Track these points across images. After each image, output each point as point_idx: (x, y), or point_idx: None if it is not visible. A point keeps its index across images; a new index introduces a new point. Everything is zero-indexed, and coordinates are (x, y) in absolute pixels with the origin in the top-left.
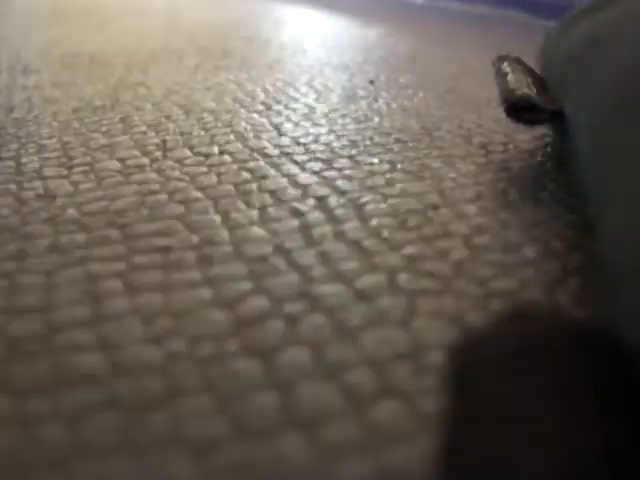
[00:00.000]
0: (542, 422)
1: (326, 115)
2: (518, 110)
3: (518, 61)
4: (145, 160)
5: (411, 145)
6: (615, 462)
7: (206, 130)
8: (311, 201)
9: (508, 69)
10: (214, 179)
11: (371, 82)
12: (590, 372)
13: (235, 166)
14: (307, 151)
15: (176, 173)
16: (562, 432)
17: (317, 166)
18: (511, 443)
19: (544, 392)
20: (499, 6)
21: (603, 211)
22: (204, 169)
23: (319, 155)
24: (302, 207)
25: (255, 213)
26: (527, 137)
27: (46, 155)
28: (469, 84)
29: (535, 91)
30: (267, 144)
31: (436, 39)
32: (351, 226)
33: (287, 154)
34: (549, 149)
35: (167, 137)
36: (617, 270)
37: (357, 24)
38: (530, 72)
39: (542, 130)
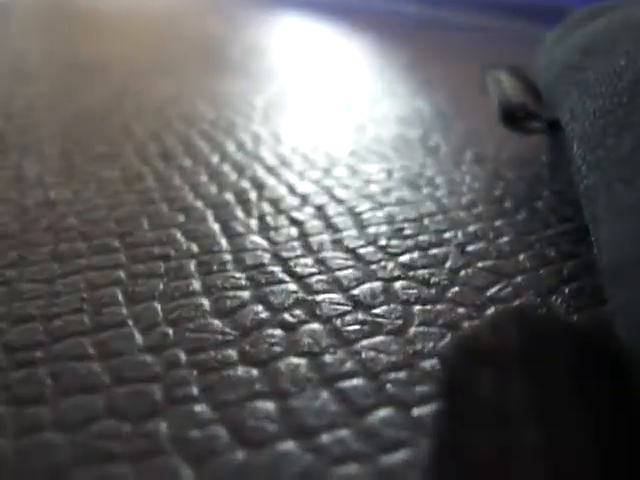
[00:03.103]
0: (539, 428)
1: (324, 124)
2: (514, 119)
3: (513, 70)
4: (146, 169)
5: (407, 154)
6: (614, 468)
7: (206, 139)
8: (309, 209)
9: (504, 78)
10: (214, 188)
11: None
12: (587, 377)
13: (235, 175)
14: (306, 160)
15: (176, 182)
16: (559, 438)
17: (316, 175)
18: (508, 449)
19: (541, 397)
20: (496, 16)
21: (599, 217)
22: (204, 178)
23: (318, 164)
24: (300, 216)
25: (254, 222)
26: (522, 145)
27: (47, 163)
28: (465, 93)
29: (531, 100)
30: (266, 153)
31: (433, 49)
32: (348, 234)
33: (286, 163)
34: (544, 157)
35: (168, 146)
36: (614, 270)
37: (356, 34)
38: (526, 80)
39: (537, 138)
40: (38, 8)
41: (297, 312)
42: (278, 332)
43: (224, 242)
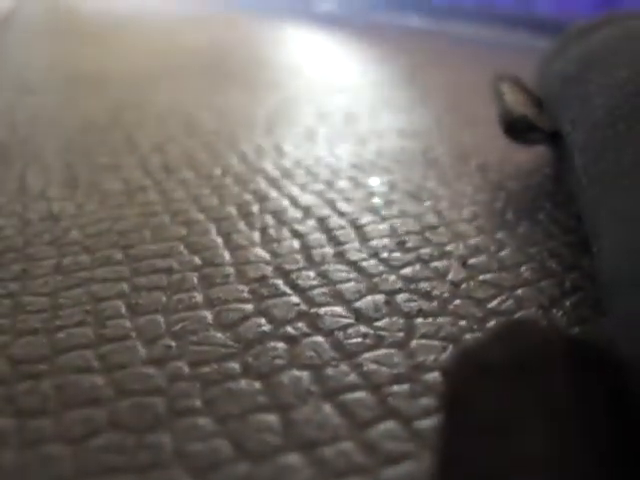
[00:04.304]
0: (540, 439)
1: (327, 137)
2: (516, 130)
3: (516, 81)
4: (148, 181)
5: (409, 166)
6: (614, 476)
7: (209, 151)
8: (312, 222)
9: (506, 89)
10: (216, 201)
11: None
12: (588, 388)
13: (237, 188)
14: (308, 173)
15: (179, 194)
16: (559, 448)
17: (318, 187)
18: (508, 459)
19: (541, 408)
20: (495, 27)
21: (600, 229)
22: (207, 191)
23: (320, 177)
24: (303, 228)
25: (256, 234)
26: (524, 157)
27: (50, 175)
28: (466, 104)
29: (533, 111)
30: (269, 166)
31: (434, 60)
32: (351, 247)
33: (288, 176)
34: (546, 169)
35: (170, 158)
36: (615, 282)
37: (357, 45)
38: (527, 92)
39: (539, 150)
40: (40, 21)
41: (299, 325)
42: (280, 345)
43: (227, 255)
